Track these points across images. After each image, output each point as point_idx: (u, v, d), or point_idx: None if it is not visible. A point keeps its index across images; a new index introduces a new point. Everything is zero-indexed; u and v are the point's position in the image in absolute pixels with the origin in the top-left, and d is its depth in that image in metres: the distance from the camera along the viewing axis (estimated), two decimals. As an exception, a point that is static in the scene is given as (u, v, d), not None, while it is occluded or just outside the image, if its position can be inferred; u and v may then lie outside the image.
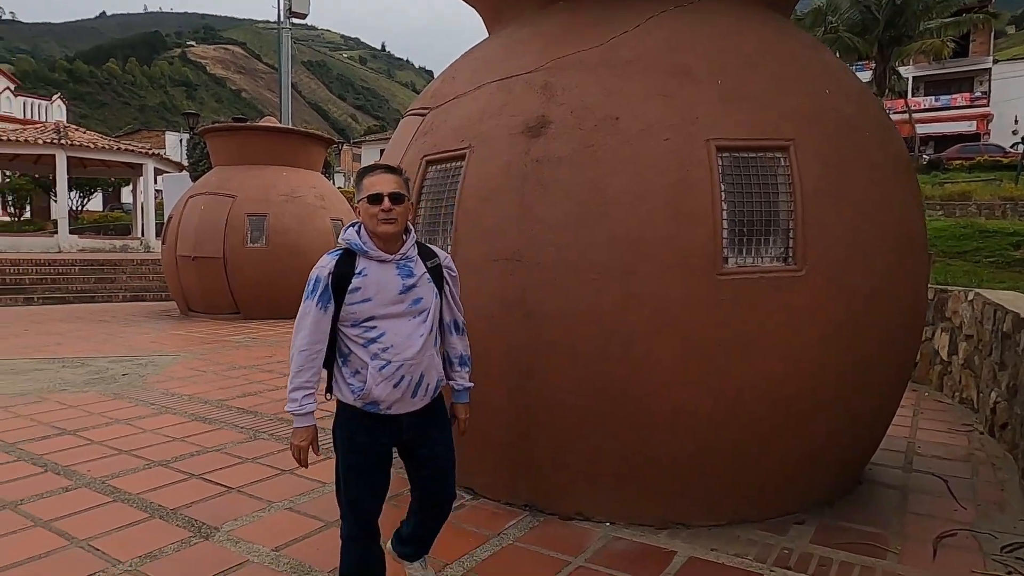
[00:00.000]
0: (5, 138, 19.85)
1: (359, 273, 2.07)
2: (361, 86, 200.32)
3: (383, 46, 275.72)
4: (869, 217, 2.99)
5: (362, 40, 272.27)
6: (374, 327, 2.07)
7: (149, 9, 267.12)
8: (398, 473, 2.40)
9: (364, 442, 2.14)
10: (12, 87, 44.11)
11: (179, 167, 23.17)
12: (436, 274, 2.21)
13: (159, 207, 24.14)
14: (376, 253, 2.08)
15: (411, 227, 2.19)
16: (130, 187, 27.27)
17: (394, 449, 2.26)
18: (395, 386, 2.08)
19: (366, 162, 52.97)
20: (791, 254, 2.85)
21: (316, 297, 2.05)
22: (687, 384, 2.85)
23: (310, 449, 2.13)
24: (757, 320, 2.81)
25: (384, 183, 2.08)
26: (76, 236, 21.27)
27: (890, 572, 2.76)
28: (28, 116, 41.68)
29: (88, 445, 4.32)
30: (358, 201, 2.12)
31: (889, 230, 3.07)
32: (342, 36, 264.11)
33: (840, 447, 3.22)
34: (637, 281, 2.79)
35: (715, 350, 2.81)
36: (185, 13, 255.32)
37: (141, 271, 15.66)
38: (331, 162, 24.50)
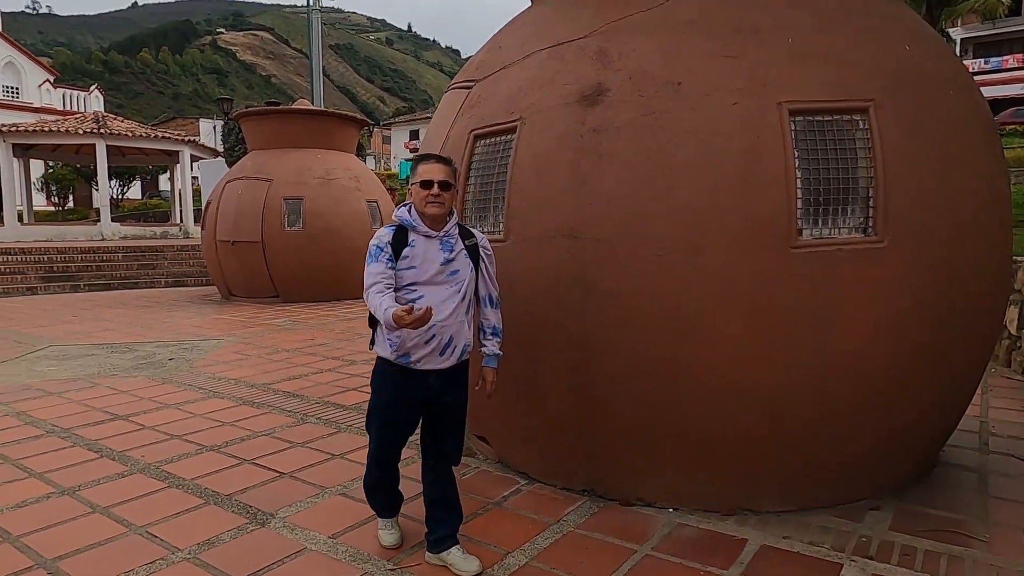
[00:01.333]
0: (48, 129, 20.29)
1: (410, 244, 2.46)
2: (388, 68, 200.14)
3: (409, 27, 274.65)
4: (954, 183, 2.77)
5: (388, 21, 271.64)
6: (415, 290, 2.44)
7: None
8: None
9: (395, 391, 2.53)
10: (52, 79, 45.04)
11: (214, 153, 23.42)
12: (473, 252, 2.57)
13: (196, 193, 24.49)
14: (423, 229, 2.48)
15: (454, 210, 2.58)
16: (167, 174, 27.70)
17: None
18: (426, 343, 2.43)
19: (396, 143, 53.06)
20: (871, 224, 2.65)
21: (382, 258, 2.43)
22: (757, 363, 2.69)
23: (422, 312, 2.20)
24: (834, 295, 2.63)
25: (436, 172, 2.46)
26: (118, 224, 21.71)
27: (982, 563, 2.58)
28: (67, 107, 42.56)
29: (140, 430, 4.34)
30: (411, 184, 2.51)
31: (975, 197, 2.85)
32: (368, 18, 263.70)
33: (920, 427, 3.04)
34: (704, 255, 2.63)
35: (788, 327, 2.64)
36: (214, 0, 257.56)
37: (181, 257, 15.91)
38: (363, 144, 24.50)
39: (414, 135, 51.54)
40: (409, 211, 2.50)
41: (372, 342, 2.60)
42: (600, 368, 2.85)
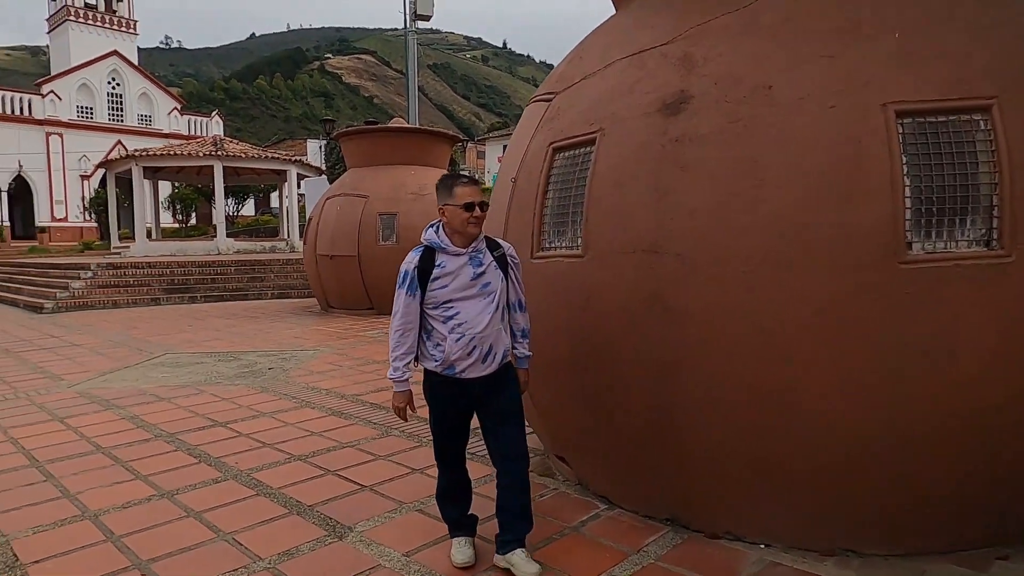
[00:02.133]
0: (172, 153, 22.11)
1: (439, 265, 2.57)
2: (484, 85, 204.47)
3: (504, 44, 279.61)
4: (1099, 188, 2.41)
5: (484, 39, 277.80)
6: (451, 307, 2.56)
7: (291, 27, 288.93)
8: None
9: (445, 400, 2.68)
10: (179, 107, 49.24)
11: (318, 171, 24.70)
12: (502, 262, 2.68)
13: (302, 210, 25.88)
14: (453, 249, 2.58)
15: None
16: (277, 192, 29.48)
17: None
18: (468, 354, 2.57)
19: (491, 158, 53.94)
20: (995, 236, 2.35)
21: (406, 287, 2.58)
22: (858, 393, 2.44)
23: (407, 409, 2.70)
24: (950, 317, 2.35)
25: (475, 194, 2.56)
26: (232, 239, 23.29)
27: None
28: (192, 132, 46.39)
29: (237, 437, 4.55)
30: (445, 204, 2.59)
31: (1125, 203, 2.47)
32: (465, 37, 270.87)
33: (1058, 469, 2.65)
34: (797, 273, 2.43)
35: (896, 354, 2.38)
36: (322, 28, 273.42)
37: (286, 270, 16.80)
38: (456, 159, 25.05)
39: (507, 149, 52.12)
40: (437, 232, 2.62)
41: (416, 358, 2.71)
42: (682, 391, 2.69)
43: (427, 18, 16.70)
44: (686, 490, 2.90)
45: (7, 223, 38.35)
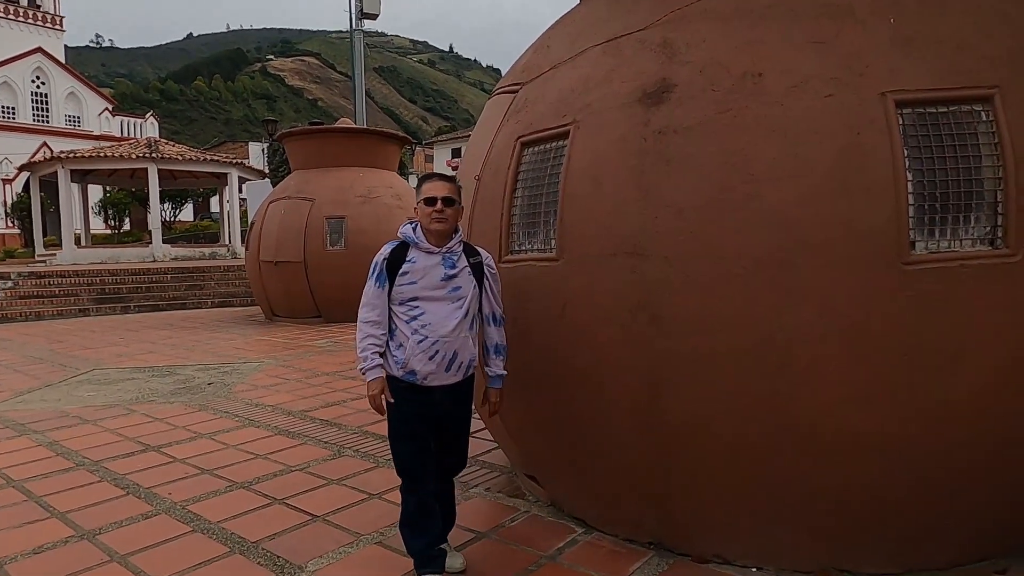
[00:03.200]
0: (103, 155, 20.93)
1: (409, 260, 2.50)
2: (431, 88, 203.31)
3: (451, 48, 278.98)
4: (1099, 183, 2.30)
5: (430, 43, 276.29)
6: (417, 306, 2.47)
7: (231, 27, 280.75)
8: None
9: (407, 409, 2.52)
10: (110, 108, 46.95)
11: (261, 174, 23.81)
12: (477, 270, 2.57)
13: (244, 214, 24.91)
14: (425, 246, 2.50)
15: (459, 227, 2.60)
16: (217, 197, 28.33)
17: None
18: (430, 358, 2.45)
19: (439, 161, 53.48)
20: (1000, 234, 2.20)
21: (375, 277, 2.53)
22: (863, 403, 2.26)
23: (383, 396, 2.49)
24: (957, 321, 2.19)
25: (439, 189, 2.50)
26: (169, 245, 22.20)
27: None
28: (125, 134, 44.25)
29: (170, 463, 4.12)
30: (417, 202, 2.54)
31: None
32: (411, 40, 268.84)
33: (1057, 478, 2.54)
34: (796, 275, 2.23)
35: (900, 360, 2.21)
36: (264, 29, 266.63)
37: (228, 277, 16.05)
38: (405, 163, 24.58)
39: (456, 153, 51.82)
40: (414, 229, 2.55)
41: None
42: (673, 407, 2.46)
43: (374, 16, 16.25)
44: (673, 512, 2.67)
45: (-81, 230, 35.73)
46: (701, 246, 2.33)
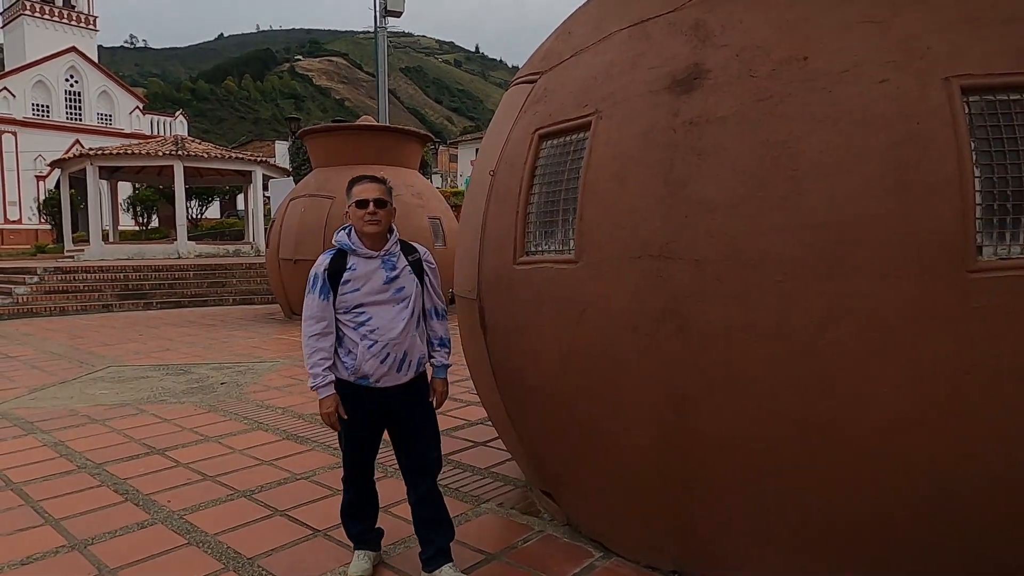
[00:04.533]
0: (130, 152, 21.16)
1: (349, 268, 2.45)
2: (456, 88, 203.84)
3: (477, 48, 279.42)
4: None
5: (456, 43, 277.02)
6: (363, 312, 2.44)
7: (261, 28, 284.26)
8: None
9: (358, 411, 2.50)
10: (141, 106, 47.71)
11: (285, 172, 23.90)
12: (417, 267, 2.56)
13: (268, 212, 25.03)
14: (363, 251, 2.47)
15: (394, 228, 2.57)
16: (242, 194, 28.54)
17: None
18: (382, 362, 2.44)
19: (463, 160, 53.41)
20: (1081, 240, 1.93)
21: (317, 291, 2.46)
22: (916, 427, 2.00)
23: (337, 413, 2.48)
24: (1029, 337, 1.92)
25: (370, 191, 2.47)
26: (194, 242, 22.35)
27: None
28: (155, 132, 44.89)
29: (174, 468, 3.97)
30: (348, 205, 2.49)
31: None
32: (437, 41, 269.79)
33: None
34: (843, 282, 1.98)
35: (963, 379, 1.95)
36: (292, 29, 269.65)
37: (249, 275, 16.06)
38: (428, 162, 24.50)
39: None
40: (349, 234, 2.50)
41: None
42: (700, 425, 2.22)
43: (397, 14, 16.15)
44: (697, 539, 2.43)
45: (-44, 225, 36.61)
46: (735, 249, 2.09)
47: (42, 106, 42.63)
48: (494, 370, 3.01)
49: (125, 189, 32.04)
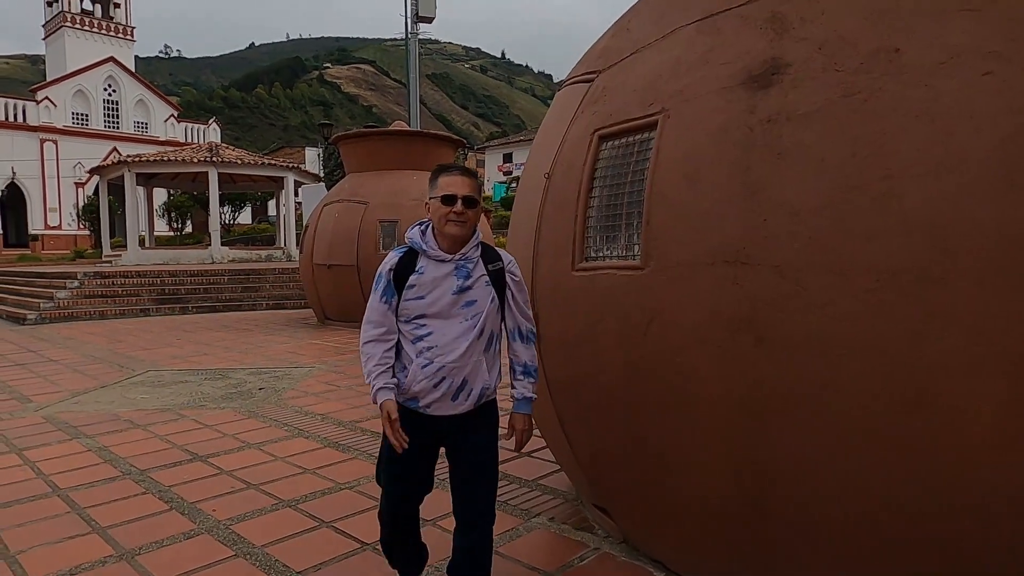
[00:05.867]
0: (166, 159, 21.55)
1: (418, 271, 2.13)
2: (482, 94, 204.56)
3: (503, 54, 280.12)
4: None
5: (483, 49, 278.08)
6: (423, 325, 2.12)
7: (291, 37, 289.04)
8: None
9: (404, 432, 2.10)
10: (175, 114, 48.73)
11: (316, 178, 24.13)
12: (497, 278, 2.19)
13: (299, 218, 25.28)
14: (435, 253, 2.13)
15: (478, 231, 2.19)
16: (274, 200, 28.89)
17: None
18: (435, 386, 2.11)
19: (490, 166, 53.51)
20: None
21: (379, 292, 2.17)
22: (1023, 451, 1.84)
23: (398, 423, 2.08)
24: None
25: (460, 185, 2.11)
26: (227, 248, 22.68)
27: None
28: (189, 139, 45.83)
29: (217, 476, 3.93)
30: (430, 197, 2.15)
31: None
32: (463, 47, 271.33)
33: None
34: (941, 291, 1.83)
35: (1078, 398, 1.78)
36: (321, 37, 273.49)
37: (282, 280, 16.19)
38: (458, 167, 24.48)
39: (507, 158, 51.81)
40: (424, 232, 2.18)
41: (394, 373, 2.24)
42: (778, 444, 2.08)
43: (429, 20, 16.19)
44: (775, 564, 2.29)
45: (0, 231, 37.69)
46: (821, 255, 1.95)
47: (81, 115, 43.80)
48: (548, 381, 2.89)
49: (160, 195, 32.66)
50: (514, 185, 34.30)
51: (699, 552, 2.52)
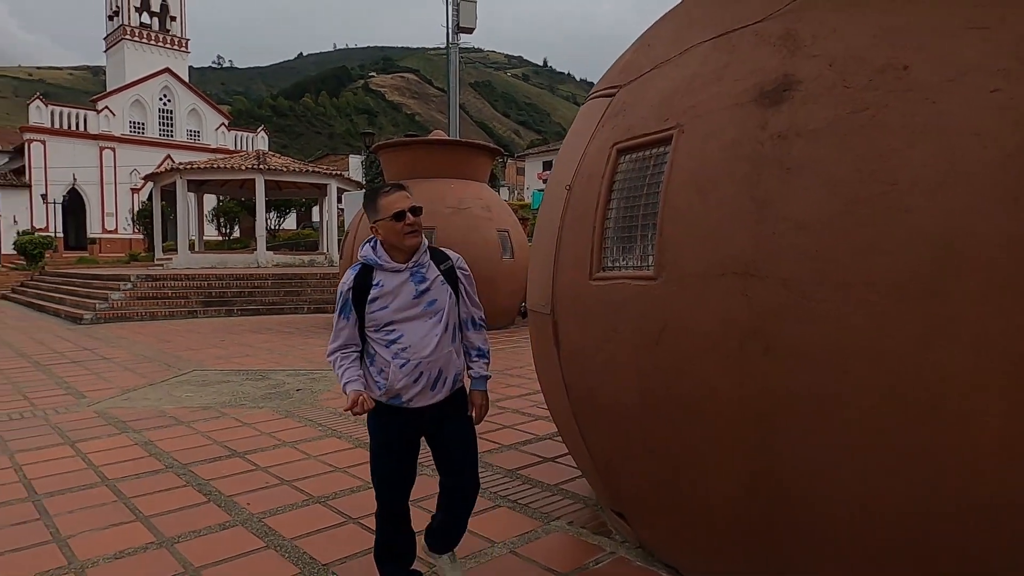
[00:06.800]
0: (216, 166, 22.32)
1: (376, 285, 2.32)
2: (524, 102, 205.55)
3: (545, 62, 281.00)
4: None
5: (525, 57, 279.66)
6: (393, 330, 2.31)
7: (338, 47, 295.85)
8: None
9: (391, 432, 2.39)
10: (226, 123, 50.37)
11: (358, 185, 24.65)
12: (450, 276, 2.43)
13: (341, 224, 25.85)
14: (390, 265, 2.33)
15: (424, 238, 2.41)
16: (318, 206, 29.60)
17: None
18: (415, 381, 2.32)
19: (530, 174, 53.68)
20: None
21: (339, 310, 2.37)
22: (1032, 462, 1.84)
23: (364, 399, 2.26)
24: None
25: (402, 200, 2.30)
26: (272, 252, 23.34)
27: None
28: (238, 147, 47.32)
29: (253, 472, 4.12)
30: (376, 221, 2.33)
31: None
32: (506, 56, 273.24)
33: None
34: (947, 303, 1.85)
35: (1087, 413, 1.78)
36: (367, 47, 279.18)
37: (324, 284, 16.59)
38: (496, 175, 24.75)
39: (547, 166, 51.93)
40: (375, 248, 2.37)
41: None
42: (787, 453, 2.12)
43: (470, 30, 16.45)
44: (787, 571, 2.32)
45: (61, 234, 39.53)
46: (828, 267, 1.99)
47: (138, 123, 45.65)
48: (567, 387, 2.97)
49: (210, 201, 33.81)
50: (553, 193, 34.31)
51: (713, 558, 2.56)
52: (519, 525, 3.29)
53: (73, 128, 42.86)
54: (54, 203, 40.07)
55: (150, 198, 31.56)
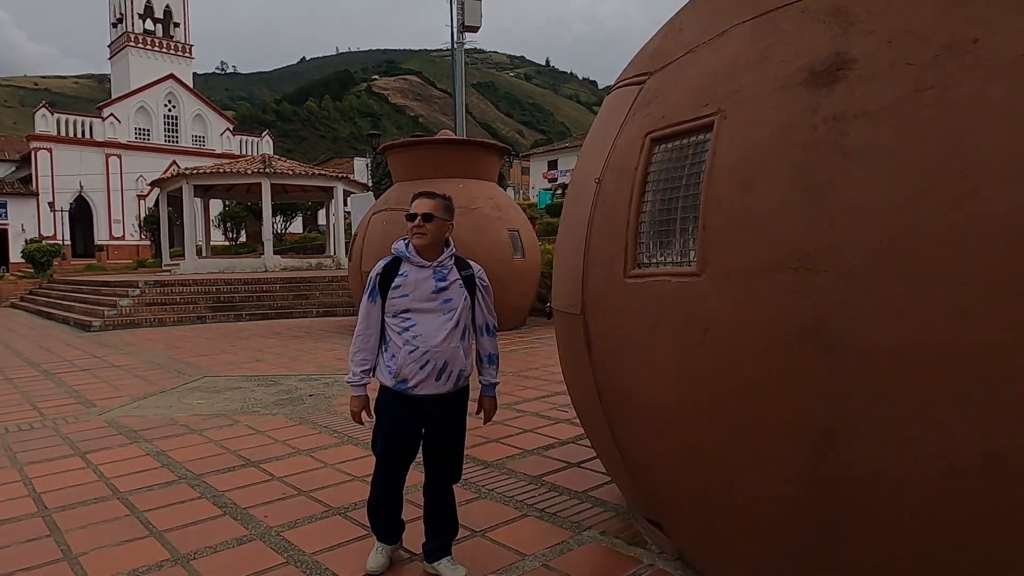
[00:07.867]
0: (222, 171, 22.25)
1: (401, 274, 2.65)
2: (527, 102, 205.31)
3: (547, 61, 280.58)
4: None
5: (527, 57, 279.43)
6: (408, 318, 2.61)
7: (340, 50, 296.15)
8: None
9: (396, 414, 2.67)
10: (231, 128, 50.39)
11: (364, 188, 24.54)
12: (469, 283, 2.73)
13: (348, 227, 25.76)
14: (416, 260, 2.65)
15: (451, 241, 2.77)
16: (324, 209, 29.52)
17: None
18: (421, 368, 2.58)
19: (535, 173, 53.60)
20: None
21: (368, 292, 2.69)
22: (1126, 470, 1.68)
23: (363, 414, 2.77)
24: None
25: (420, 206, 2.66)
26: (279, 256, 23.24)
27: None
28: (243, 152, 47.32)
29: (269, 482, 3.98)
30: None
31: None
32: (508, 56, 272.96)
33: None
34: (1030, 298, 1.69)
35: None
36: (369, 50, 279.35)
37: (332, 288, 16.49)
38: (504, 174, 24.60)
39: (552, 165, 51.76)
40: (407, 244, 2.68)
41: (372, 371, 2.74)
42: (850, 460, 1.97)
43: (475, 29, 16.31)
44: (842, 588, 2.16)
45: (68, 242, 39.60)
46: (895, 260, 1.84)
47: (143, 130, 45.69)
48: (599, 390, 2.83)
49: (216, 206, 33.76)
50: (559, 192, 34.18)
51: (760, 567, 2.41)
52: (549, 536, 3.14)
53: (79, 136, 42.91)
54: (61, 211, 40.15)
55: (156, 204, 31.57)
